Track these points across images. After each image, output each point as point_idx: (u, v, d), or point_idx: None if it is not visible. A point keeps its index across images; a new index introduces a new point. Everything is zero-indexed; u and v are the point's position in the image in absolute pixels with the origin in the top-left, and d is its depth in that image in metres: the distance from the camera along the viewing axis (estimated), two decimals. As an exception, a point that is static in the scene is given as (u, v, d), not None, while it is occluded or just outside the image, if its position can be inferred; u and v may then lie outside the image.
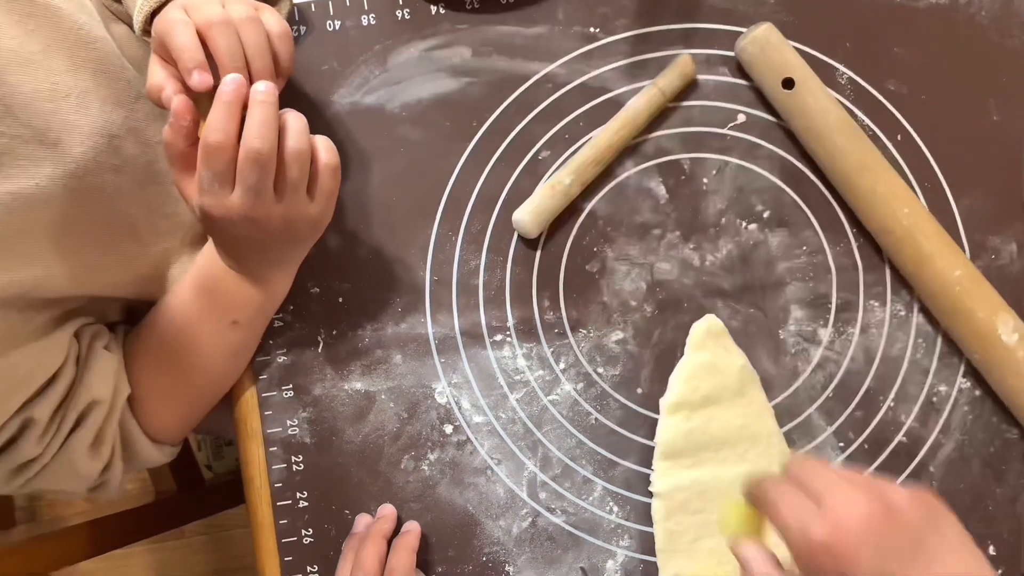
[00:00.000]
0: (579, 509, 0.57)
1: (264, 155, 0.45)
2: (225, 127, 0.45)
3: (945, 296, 0.55)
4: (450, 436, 0.58)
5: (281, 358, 0.59)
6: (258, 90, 0.45)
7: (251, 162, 0.45)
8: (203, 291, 0.54)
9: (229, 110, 0.45)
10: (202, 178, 0.46)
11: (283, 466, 0.58)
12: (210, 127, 0.45)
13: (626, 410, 0.58)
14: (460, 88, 0.60)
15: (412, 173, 0.60)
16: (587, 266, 0.59)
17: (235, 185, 0.46)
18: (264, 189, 0.46)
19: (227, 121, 0.45)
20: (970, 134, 0.59)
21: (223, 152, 0.45)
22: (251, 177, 0.45)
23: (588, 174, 0.58)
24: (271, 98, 0.46)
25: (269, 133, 0.45)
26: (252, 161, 0.45)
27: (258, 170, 0.45)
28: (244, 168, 0.45)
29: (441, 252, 0.59)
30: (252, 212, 0.47)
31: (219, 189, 0.46)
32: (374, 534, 0.55)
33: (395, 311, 0.59)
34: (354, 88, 0.60)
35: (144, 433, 0.58)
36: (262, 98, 0.45)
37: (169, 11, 0.48)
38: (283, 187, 0.47)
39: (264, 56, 0.48)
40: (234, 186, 0.46)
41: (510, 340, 0.59)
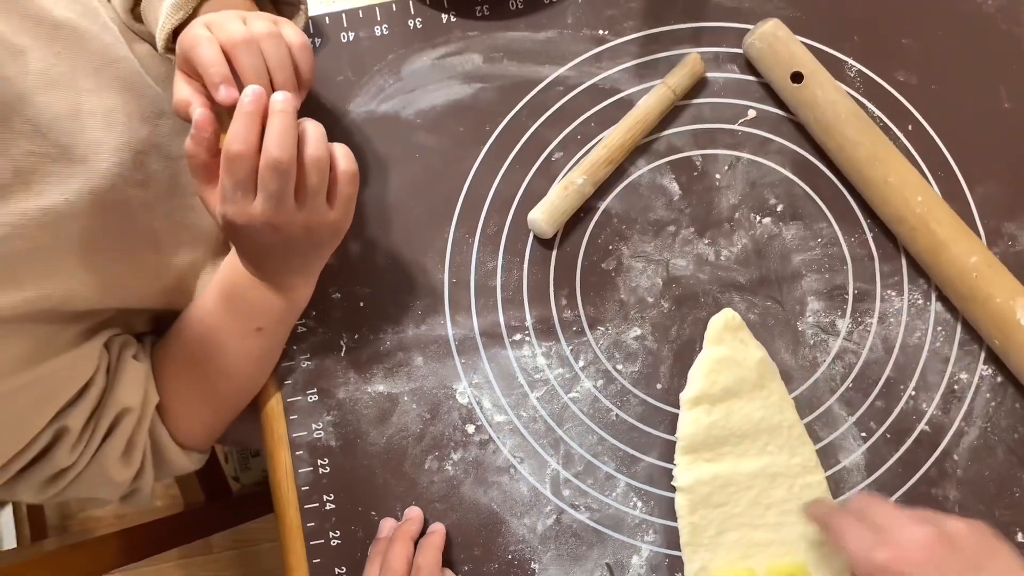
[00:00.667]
0: (603, 505, 0.58)
1: (284, 163, 0.46)
2: (246, 137, 0.46)
3: (962, 283, 0.55)
4: (472, 436, 0.59)
5: (305, 363, 0.60)
6: (277, 100, 0.47)
7: (272, 170, 0.46)
8: (227, 299, 0.56)
9: (250, 120, 0.47)
10: (225, 187, 0.47)
11: (309, 469, 0.59)
12: (232, 137, 0.46)
13: (646, 406, 0.58)
14: (473, 94, 0.61)
15: (428, 178, 0.61)
16: (603, 264, 0.60)
17: (256, 193, 0.47)
18: (285, 196, 0.47)
19: (248, 131, 0.46)
20: (982, 122, 0.60)
21: (245, 161, 0.46)
22: (272, 184, 0.47)
23: (601, 173, 0.59)
24: (289, 107, 0.47)
25: (288, 142, 0.46)
26: (273, 169, 0.46)
27: (279, 178, 0.46)
28: (265, 176, 0.47)
29: (458, 254, 0.60)
30: (274, 219, 0.48)
31: (241, 198, 0.47)
32: (401, 535, 0.55)
33: (415, 314, 0.60)
34: (369, 97, 0.62)
35: (173, 440, 0.59)
36: (281, 107, 0.47)
37: (193, 28, 0.49)
38: (303, 194, 0.48)
39: (286, 69, 0.49)
40: (256, 194, 0.47)
41: (529, 339, 0.59)
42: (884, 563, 0.42)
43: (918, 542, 0.43)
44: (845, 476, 0.57)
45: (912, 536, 0.43)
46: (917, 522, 0.44)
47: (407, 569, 0.54)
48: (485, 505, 0.58)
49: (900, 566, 0.42)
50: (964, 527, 0.44)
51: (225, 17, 0.49)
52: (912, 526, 0.44)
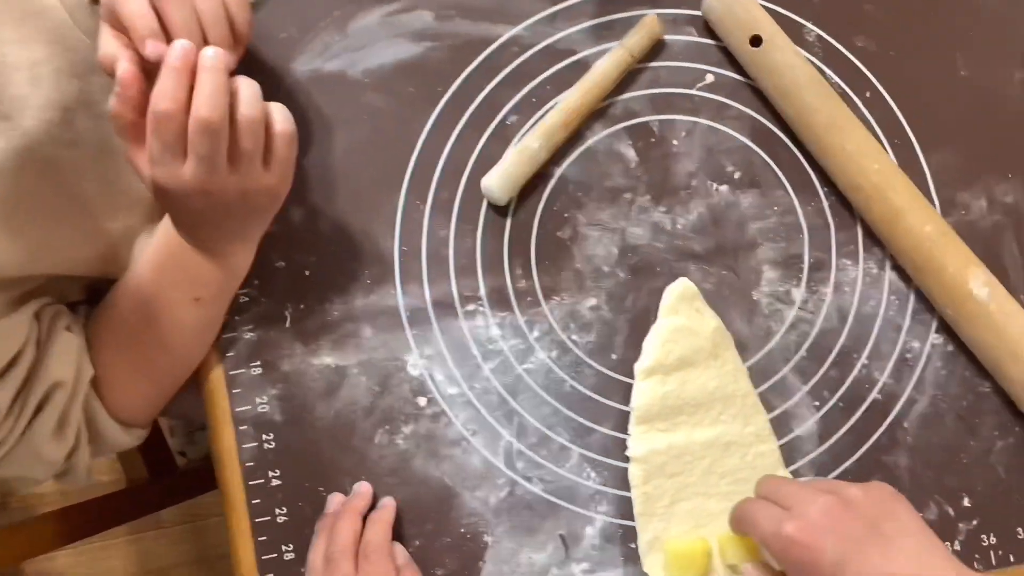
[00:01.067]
0: (557, 477, 0.57)
1: (215, 124, 0.43)
2: (174, 95, 0.43)
3: (916, 252, 0.55)
4: (424, 409, 0.57)
5: (248, 335, 0.57)
6: (207, 55, 0.44)
7: (201, 132, 0.43)
8: (162, 268, 0.53)
9: (178, 77, 0.44)
10: (152, 149, 0.45)
11: (254, 445, 0.57)
12: (158, 95, 0.43)
13: (601, 376, 0.58)
14: (423, 53, 0.59)
15: (377, 141, 0.58)
16: (558, 232, 0.58)
17: (187, 156, 0.45)
18: (217, 159, 0.45)
19: (176, 89, 0.43)
20: (938, 89, 0.59)
21: (172, 121, 0.43)
22: (202, 147, 0.44)
23: (557, 138, 0.57)
24: (220, 64, 0.44)
25: (219, 101, 0.43)
26: (202, 131, 0.43)
27: (209, 140, 0.44)
28: (195, 138, 0.44)
29: (409, 221, 0.58)
30: (206, 184, 0.45)
31: (171, 160, 0.45)
32: (349, 510, 0.54)
33: (364, 283, 0.58)
34: (314, 55, 0.59)
35: (110, 415, 0.57)
36: (211, 64, 0.44)
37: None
38: (237, 157, 0.46)
39: (220, 24, 0.46)
40: (186, 157, 0.45)
41: (483, 310, 0.58)
42: (791, 535, 0.45)
43: (820, 510, 0.45)
44: (798, 445, 0.57)
45: (814, 506, 0.45)
46: (819, 493, 0.46)
47: (354, 544, 0.52)
48: (437, 479, 0.57)
49: (805, 536, 0.45)
50: (862, 491, 0.46)
51: None
52: (814, 497, 0.46)
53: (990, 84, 0.59)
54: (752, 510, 0.49)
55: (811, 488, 0.47)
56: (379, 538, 0.53)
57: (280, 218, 0.57)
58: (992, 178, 0.59)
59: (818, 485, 0.48)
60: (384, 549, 0.53)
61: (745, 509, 0.50)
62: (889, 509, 0.46)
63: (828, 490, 0.47)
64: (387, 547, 0.53)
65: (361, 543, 0.53)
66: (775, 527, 0.46)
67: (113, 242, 0.57)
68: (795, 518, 0.46)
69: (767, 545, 0.47)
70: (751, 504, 0.50)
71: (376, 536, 0.53)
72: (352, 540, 0.52)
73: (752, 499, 0.51)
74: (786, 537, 0.45)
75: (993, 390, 0.58)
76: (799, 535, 0.45)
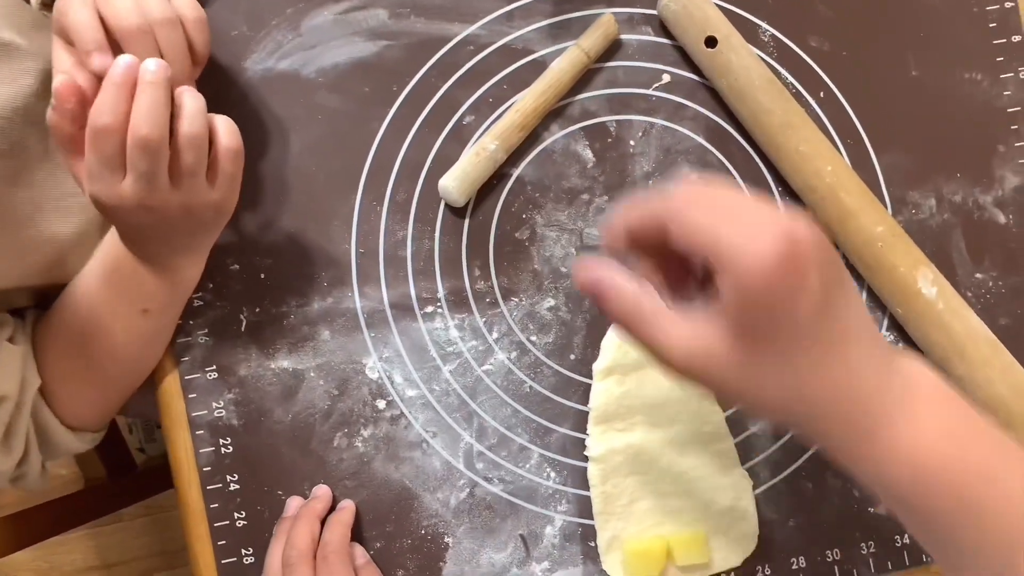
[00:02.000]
0: (516, 477, 0.57)
1: (153, 141, 0.42)
2: (113, 109, 0.42)
3: (868, 252, 0.56)
4: (383, 411, 0.57)
5: (203, 339, 0.57)
6: (148, 69, 0.42)
7: (140, 148, 0.42)
8: (109, 279, 0.52)
9: (118, 92, 0.42)
10: (91, 164, 0.43)
11: (211, 449, 0.56)
12: (97, 110, 0.42)
13: (560, 377, 0.58)
14: (378, 52, 0.58)
15: (332, 141, 0.57)
16: (516, 233, 0.58)
17: (126, 172, 0.43)
18: (157, 176, 0.44)
19: (116, 103, 0.42)
20: (890, 90, 0.60)
21: (111, 136, 0.42)
22: (141, 164, 0.43)
23: (514, 139, 0.57)
24: (160, 78, 0.42)
25: (158, 117, 0.42)
26: (141, 148, 0.42)
27: (148, 157, 0.43)
28: (133, 155, 0.42)
29: (366, 223, 0.57)
30: (147, 200, 0.44)
31: (109, 176, 0.43)
32: (306, 513, 0.54)
33: (320, 286, 0.57)
34: (266, 54, 0.58)
35: (61, 422, 0.56)
36: (151, 78, 0.42)
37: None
38: (179, 173, 0.45)
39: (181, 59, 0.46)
40: (125, 173, 0.43)
41: (441, 311, 0.58)
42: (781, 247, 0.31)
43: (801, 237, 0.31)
44: (753, 442, 0.58)
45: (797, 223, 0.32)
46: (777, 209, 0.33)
47: (312, 547, 0.52)
48: (397, 481, 0.57)
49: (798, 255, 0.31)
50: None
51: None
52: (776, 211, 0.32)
53: (940, 84, 0.60)
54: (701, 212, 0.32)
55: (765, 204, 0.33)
56: (337, 540, 0.53)
57: (234, 221, 0.56)
58: (941, 177, 0.60)
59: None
60: (343, 551, 0.53)
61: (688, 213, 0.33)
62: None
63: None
64: (346, 549, 0.53)
65: (319, 545, 0.53)
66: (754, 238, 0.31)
67: (61, 248, 0.55)
68: (784, 226, 0.31)
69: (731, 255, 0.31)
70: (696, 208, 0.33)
71: (334, 538, 0.53)
72: (310, 542, 0.52)
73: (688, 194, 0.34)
74: (773, 252, 0.30)
75: (941, 385, 0.59)
76: (795, 250, 0.31)
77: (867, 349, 0.35)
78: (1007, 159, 0.60)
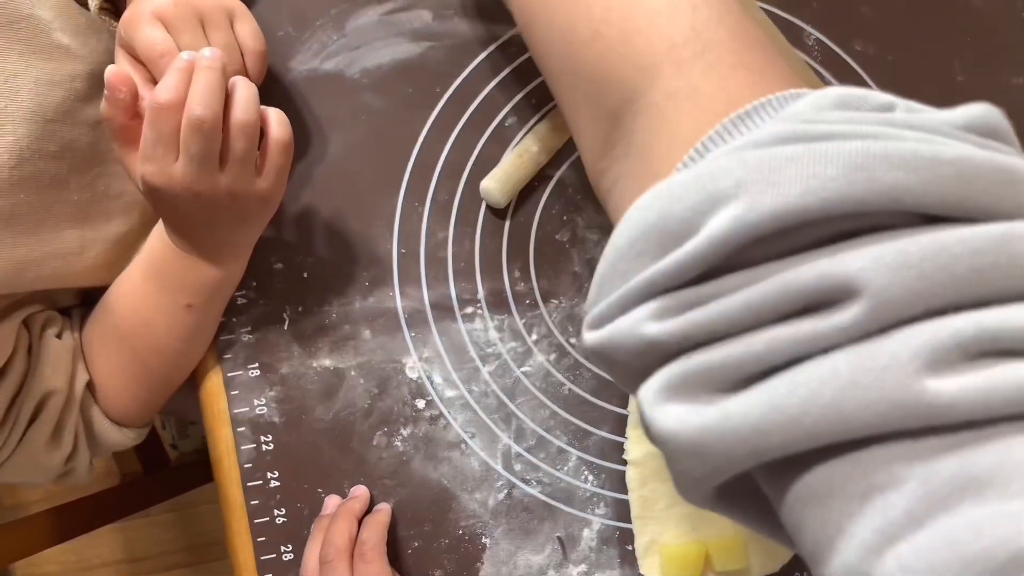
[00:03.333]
0: (554, 479, 0.57)
1: (207, 123, 0.43)
2: (176, 87, 0.43)
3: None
4: (423, 411, 0.57)
5: (246, 336, 0.57)
6: (204, 56, 0.44)
7: (193, 129, 0.43)
8: (153, 273, 0.52)
9: (181, 75, 0.44)
10: (146, 142, 0.44)
11: (252, 446, 0.57)
12: (160, 88, 0.43)
13: (599, 379, 0.58)
14: (422, 53, 0.58)
15: (375, 142, 0.58)
16: (557, 235, 0.58)
17: (179, 154, 0.44)
18: (208, 160, 0.44)
19: (177, 84, 0.43)
20: (936, 95, 0.59)
21: (169, 114, 0.43)
22: (194, 146, 0.44)
23: (555, 140, 0.57)
24: (217, 64, 0.44)
25: (213, 101, 0.43)
26: (195, 128, 0.43)
27: (201, 139, 0.43)
28: (187, 135, 0.43)
29: (408, 223, 0.58)
30: (195, 184, 0.45)
31: (163, 155, 0.44)
32: (344, 512, 0.54)
33: (362, 285, 0.57)
34: (311, 54, 0.58)
35: (107, 417, 0.56)
36: (207, 64, 0.43)
37: (142, 17, 0.47)
38: (229, 159, 0.45)
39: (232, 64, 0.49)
40: (178, 155, 0.44)
41: (481, 312, 0.58)
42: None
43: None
44: (793, 448, 0.58)
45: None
46: None
47: (349, 545, 0.52)
48: (435, 481, 0.57)
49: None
50: None
51: (183, 20, 0.47)
52: None
53: (987, 89, 0.59)
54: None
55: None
56: (375, 538, 0.53)
57: (278, 220, 0.57)
58: (987, 184, 0.59)
59: None
60: (379, 549, 0.53)
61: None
62: None
63: None
64: (383, 548, 0.53)
65: (357, 543, 0.53)
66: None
67: (109, 249, 0.56)
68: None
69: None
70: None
71: (372, 536, 0.53)
72: (348, 541, 0.52)
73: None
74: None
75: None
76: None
77: None
78: (1055, 165, 0.59)
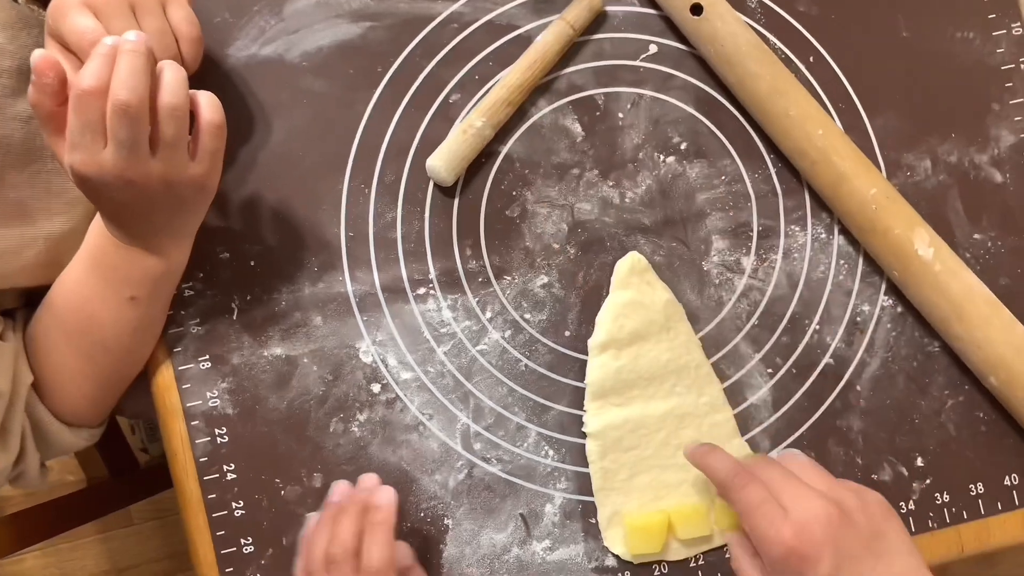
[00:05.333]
0: (515, 456, 0.57)
1: (133, 107, 0.42)
2: (96, 74, 0.42)
3: (862, 215, 0.55)
4: (378, 395, 0.57)
5: (195, 328, 0.56)
6: (128, 39, 0.43)
7: (119, 114, 0.42)
8: (95, 267, 0.51)
9: (105, 60, 0.43)
10: (72, 130, 0.43)
11: (207, 439, 0.56)
12: (81, 74, 0.42)
13: (555, 354, 0.57)
14: (362, 33, 0.57)
15: (318, 125, 0.57)
16: (507, 211, 0.58)
17: (107, 141, 0.43)
18: (138, 146, 0.43)
19: (100, 69, 0.42)
20: (880, 52, 0.59)
21: (93, 100, 0.42)
22: (121, 131, 0.43)
23: (500, 115, 0.56)
24: (141, 48, 0.43)
25: (137, 84, 0.42)
26: (120, 113, 0.42)
27: (128, 124, 0.42)
28: (113, 121, 0.43)
29: (355, 206, 0.57)
30: (127, 171, 0.44)
31: (90, 143, 0.43)
32: (353, 510, 0.50)
33: (311, 271, 0.57)
34: (250, 40, 0.57)
35: (56, 417, 0.55)
36: (131, 47, 0.42)
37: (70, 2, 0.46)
38: (160, 145, 0.45)
39: (166, 51, 0.48)
40: (106, 142, 0.43)
41: (433, 293, 0.57)
42: (790, 543, 0.44)
43: (821, 520, 0.44)
44: (753, 413, 0.58)
45: (815, 513, 0.45)
46: (818, 498, 0.45)
47: (357, 546, 0.49)
48: (395, 464, 0.56)
49: (805, 546, 0.44)
50: (859, 502, 0.46)
51: (113, 7, 0.46)
52: (813, 502, 0.45)
53: (932, 44, 0.59)
54: (749, 500, 0.47)
55: (809, 490, 0.46)
56: (378, 550, 0.49)
57: (222, 208, 0.56)
58: (935, 138, 0.59)
59: (813, 479, 0.47)
60: (387, 562, 0.49)
61: (741, 495, 0.47)
62: (883, 526, 0.46)
63: (827, 493, 0.46)
64: (390, 560, 0.49)
65: (364, 555, 0.49)
66: (775, 530, 0.45)
67: (52, 247, 0.55)
68: (795, 524, 0.45)
69: (760, 543, 0.46)
70: (748, 491, 0.47)
71: (375, 547, 0.49)
72: (354, 541, 0.49)
73: (747, 479, 0.48)
74: (785, 544, 0.44)
75: (942, 349, 0.58)
76: (799, 544, 0.44)
77: None
78: (1002, 117, 0.59)
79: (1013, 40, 0.59)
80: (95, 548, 1.35)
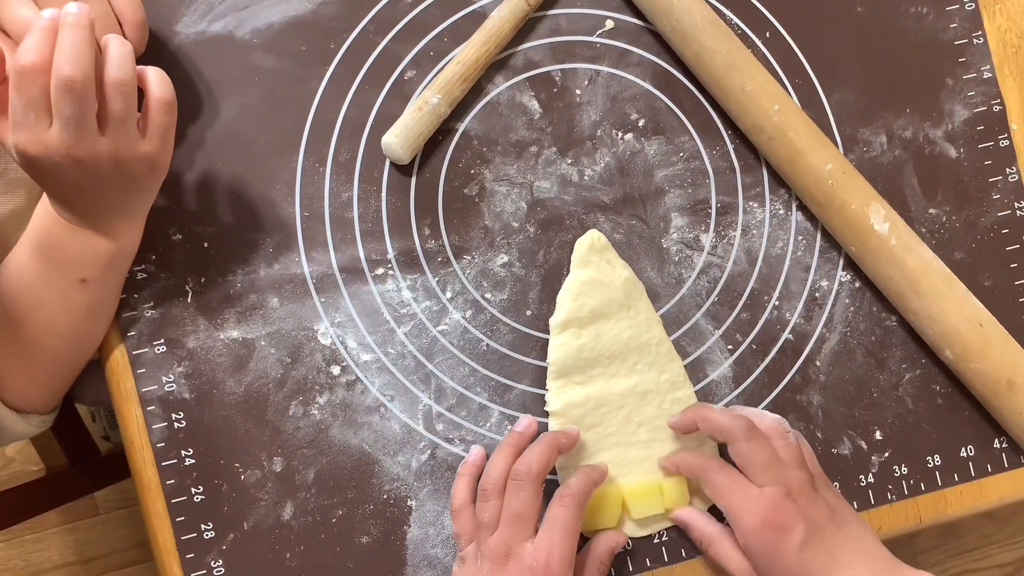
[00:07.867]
0: (477, 436, 0.57)
1: (78, 82, 0.41)
2: (37, 49, 0.41)
3: (819, 190, 0.55)
4: (338, 377, 0.56)
5: (149, 312, 0.55)
6: (69, 11, 0.41)
7: (64, 90, 0.41)
8: (42, 249, 0.50)
9: (45, 35, 0.41)
10: (15, 109, 0.42)
11: (163, 425, 0.55)
12: (21, 50, 0.41)
13: (517, 333, 0.57)
14: (314, 8, 0.56)
15: (270, 103, 0.56)
16: (465, 190, 0.57)
17: (52, 119, 0.42)
18: (85, 123, 0.42)
19: (41, 44, 0.41)
20: (836, 27, 0.59)
21: (35, 77, 0.41)
22: (67, 108, 0.41)
23: (456, 92, 0.55)
24: (84, 21, 0.41)
25: (82, 59, 0.41)
26: (65, 89, 0.41)
27: (73, 100, 0.41)
28: (58, 97, 0.41)
29: (309, 185, 0.56)
30: (74, 150, 0.43)
31: (35, 121, 0.42)
32: (508, 443, 0.53)
33: (266, 252, 0.56)
34: (198, 16, 0.56)
35: (5, 404, 0.54)
36: (73, 20, 0.41)
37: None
38: (108, 121, 0.43)
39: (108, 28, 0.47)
40: (51, 120, 0.42)
41: (392, 273, 0.57)
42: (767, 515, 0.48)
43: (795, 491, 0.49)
44: (714, 389, 0.58)
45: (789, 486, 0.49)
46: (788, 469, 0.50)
47: (540, 470, 0.51)
48: (356, 447, 0.56)
49: (782, 517, 0.48)
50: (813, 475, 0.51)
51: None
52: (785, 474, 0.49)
53: (886, 20, 0.59)
54: (720, 480, 0.50)
55: (780, 465, 0.50)
56: (531, 460, 0.51)
57: (174, 188, 0.55)
58: (891, 113, 0.59)
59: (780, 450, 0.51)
60: (537, 473, 0.51)
61: (712, 476, 0.51)
62: (835, 499, 0.51)
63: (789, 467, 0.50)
64: (540, 473, 0.51)
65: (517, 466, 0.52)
66: (751, 505, 0.48)
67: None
68: (770, 499, 0.48)
69: (735, 518, 0.49)
70: (718, 473, 0.51)
71: (531, 456, 0.52)
72: (504, 478, 0.52)
73: (715, 462, 0.52)
74: (762, 517, 0.48)
75: (899, 323, 0.59)
76: (776, 516, 0.48)
77: (859, 570, 0.48)
78: (956, 92, 0.60)
79: (966, 15, 0.60)
80: (60, 539, 1.34)
